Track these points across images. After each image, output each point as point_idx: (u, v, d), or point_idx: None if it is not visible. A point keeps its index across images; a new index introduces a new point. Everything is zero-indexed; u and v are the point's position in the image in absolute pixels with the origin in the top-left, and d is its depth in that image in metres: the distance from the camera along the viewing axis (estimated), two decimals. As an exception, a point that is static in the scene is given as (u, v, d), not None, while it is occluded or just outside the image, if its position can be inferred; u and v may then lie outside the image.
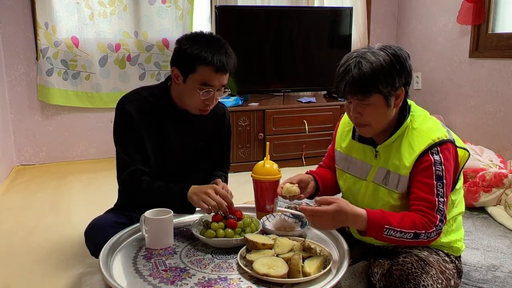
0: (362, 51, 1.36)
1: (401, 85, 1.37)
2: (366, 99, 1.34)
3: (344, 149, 1.57)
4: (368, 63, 1.32)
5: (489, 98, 3.22)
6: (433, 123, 1.43)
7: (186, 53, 1.53)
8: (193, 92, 1.55)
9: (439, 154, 1.35)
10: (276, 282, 1.20)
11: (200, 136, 1.73)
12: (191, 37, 1.58)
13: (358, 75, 1.31)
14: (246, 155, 3.37)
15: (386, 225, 1.31)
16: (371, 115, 1.37)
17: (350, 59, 1.35)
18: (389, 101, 1.36)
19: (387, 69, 1.32)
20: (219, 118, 1.79)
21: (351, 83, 1.33)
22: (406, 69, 1.36)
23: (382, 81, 1.32)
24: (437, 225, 1.32)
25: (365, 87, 1.32)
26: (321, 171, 1.69)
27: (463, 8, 3.29)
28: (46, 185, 3.04)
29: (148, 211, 1.43)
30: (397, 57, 1.35)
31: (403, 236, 1.32)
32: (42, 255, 2.02)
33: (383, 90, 1.33)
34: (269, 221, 1.54)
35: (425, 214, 1.32)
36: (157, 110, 1.63)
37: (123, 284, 1.20)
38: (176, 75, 1.58)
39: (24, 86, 3.41)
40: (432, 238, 1.33)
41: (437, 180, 1.33)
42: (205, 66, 1.52)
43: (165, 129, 1.65)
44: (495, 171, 2.47)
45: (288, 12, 3.65)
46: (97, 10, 3.37)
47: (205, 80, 1.53)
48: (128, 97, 1.65)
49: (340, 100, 3.67)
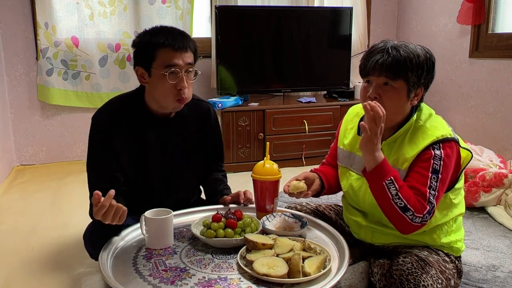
0: (400, 41, 1.41)
1: (423, 84, 1.40)
2: (393, 80, 1.36)
3: (347, 146, 1.57)
4: (407, 49, 1.37)
5: (489, 98, 3.22)
6: (439, 121, 1.44)
7: (141, 45, 1.54)
8: (161, 80, 1.52)
9: (440, 150, 1.36)
10: (276, 282, 1.20)
11: (185, 137, 1.70)
12: (142, 32, 1.59)
13: (395, 55, 1.35)
14: (246, 155, 3.37)
15: (393, 176, 1.32)
16: (390, 99, 1.37)
17: (387, 42, 1.40)
18: (410, 93, 1.39)
19: (420, 62, 1.37)
20: (203, 116, 1.76)
21: (385, 60, 1.36)
22: (432, 73, 1.41)
23: (413, 69, 1.36)
24: (424, 215, 1.31)
25: (397, 68, 1.35)
26: (324, 169, 1.69)
27: (463, 8, 3.29)
28: (46, 185, 3.04)
29: (148, 211, 1.43)
30: (431, 58, 1.40)
31: (395, 198, 1.30)
32: (42, 255, 2.02)
33: (410, 79, 1.36)
34: (269, 221, 1.54)
35: (418, 201, 1.33)
36: (132, 118, 1.61)
37: (123, 284, 1.19)
38: (141, 73, 1.57)
39: (24, 86, 3.41)
40: (415, 223, 1.31)
41: (433, 173, 1.34)
42: (163, 48, 1.51)
43: (145, 136, 1.63)
44: (495, 171, 2.47)
45: (288, 12, 3.65)
46: (97, 10, 3.37)
47: (167, 62, 1.51)
48: (101, 110, 1.63)
49: (340, 100, 3.67)
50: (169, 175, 1.70)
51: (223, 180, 1.83)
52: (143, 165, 1.65)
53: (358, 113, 1.60)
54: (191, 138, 1.72)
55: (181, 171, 1.72)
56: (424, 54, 1.39)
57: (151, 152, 1.65)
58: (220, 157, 1.87)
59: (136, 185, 1.65)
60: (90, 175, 1.61)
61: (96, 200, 1.30)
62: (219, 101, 3.28)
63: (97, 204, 1.30)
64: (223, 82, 3.45)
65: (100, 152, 1.59)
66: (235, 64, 3.51)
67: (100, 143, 1.58)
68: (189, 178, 1.76)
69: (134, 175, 1.64)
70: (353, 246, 1.56)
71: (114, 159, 1.59)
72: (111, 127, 1.58)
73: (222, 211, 1.50)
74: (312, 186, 1.56)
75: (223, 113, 3.27)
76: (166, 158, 1.68)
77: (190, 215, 1.63)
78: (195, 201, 1.84)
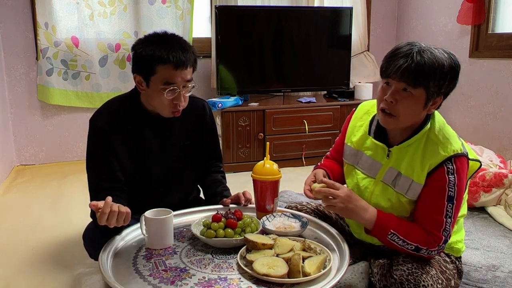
0: (427, 45, 1.33)
1: (443, 93, 1.35)
2: (412, 88, 1.30)
3: (354, 144, 1.55)
4: (432, 56, 1.29)
5: (489, 98, 3.22)
6: (450, 134, 1.40)
7: (142, 56, 1.52)
8: (158, 94, 1.53)
9: (453, 174, 1.33)
10: (276, 282, 1.20)
11: (182, 135, 1.71)
12: (144, 40, 1.56)
13: (418, 62, 1.28)
14: (246, 155, 3.37)
15: (392, 229, 1.33)
16: (406, 106, 1.33)
17: (413, 46, 1.31)
18: (428, 102, 1.34)
19: (444, 71, 1.30)
20: (199, 114, 1.76)
21: (407, 66, 1.28)
22: (454, 81, 1.34)
23: (435, 79, 1.29)
24: (440, 246, 1.34)
25: (419, 76, 1.28)
26: (330, 164, 1.68)
27: (463, 8, 3.29)
28: (46, 185, 3.04)
29: (148, 211, 1.43)
30: (456, 67, 1.33)
31: (405, 245, 1.34)
32: (42, 255, 2.02)
33: (431, 88, 1.31)
34: (269, 221, 1.54)
35: (430, 233, 1.33)
36: (130, 119, 1.62)
37: (123, 284, 1.19)
38: (139, 81, 1.56)
39: (24, 86, 3.41)
40: (433, 255, 1.36)
41: (448, 201, 1.33)
42: (163, 65, 1.49)
43: (143, 135, 1.63)
44: (495, 171, 2.47)
45: (288, 12, 3.65)
46: (97, 10, 3.37)
47: (166, 79, 1.51)
48: (99, 112, 1.63)
49: (340, 100, 3.67)
50: (168, 174, 1.70)
51: (222, 181, 1.83)
52: (141, 165, 1.65)
53: (368, 110, 1.56)
54: (188, 135, 1.73)
55: (180, 169, 1.73)
56: (449, 63, 1.30)
57: (149, 151, 1.65)
58: (217, 155, 1.87)
59: (135, 184, 1.66)
60: (90, 175, 1.62)
61: (95, 208, 1.31)
62: (219, 101, 3.28)
63: (97, 211, 1.31)
64: (223, 82, 3.45)
65: (100, 152, 1.59)
66: (235, 64, 3.51)
67: (99, 144, 1.59)
68: (187, 176, 1.77)
69: (133, 174, 1.65)
70: (353, 246, 1.56)
71: (114, 159, 1.59)
72: (109, 128, 1.58)
73: (222, 211, 1.50)
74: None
75: (223, 113, 3.27)
76: (165, 156, 1.68)
77: (190, 215, 1.63)
78: (194, 198, 1.84)
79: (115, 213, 1.32)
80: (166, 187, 1.71)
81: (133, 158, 1.63)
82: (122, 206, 1.35)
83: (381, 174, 1.46)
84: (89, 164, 1.62)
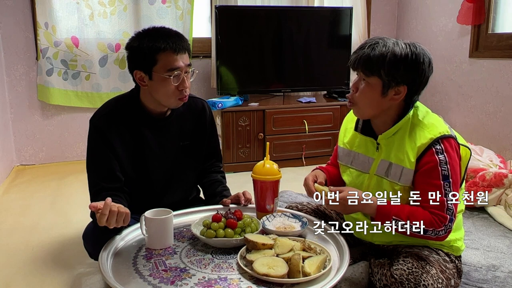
0: (386, 39, 1.41)
1: (404, 83, 1.38)
2: (367, 77, 1.40)
3: (346, 144, 1.60)
4: (383, 48, 1.37)
5: (489, 98, 3.22)
6: (435, 119, 1.44)
7: (141, 49, 1.53)
8: (163, 83, 1.55)
9: (443, 153, 1.36)
10: (276, 282, 1.20)
11: (182, 135, 1.72)
12: (138, 35, 1.58)
13: (368, 54, 1.38)
14: (246, 155, 3.37)
15: (394, 216, 1.34)
16: (363, 93, 1.42)
17: (372, 40, 1.42)
18: (386, 90, 1.39)
19: (396, 61, 1.36)
20: (198, 113, 1.77)
21: (359, 58, 1.40)
22: (417, 71, 1.38)
23: (385, 68, 1.36)
24: (447, 225, 1.34)
25: (367, 65, 1.38)
26: (329, 168, 1.71)
27: (463, 8, 3.29)
28: (46, 185, 3.04)
29: (148, 211, 1.43)
30: (415, 56, 1.37)
31: (411, 229, 1.34)
32: (42, 255, 2.02)
33: (384, 77, 1.37)
34: (269, 221, 1.54)
35: (436, 215, 1.34)
36: (130, 119, 1.62)
37: (123, 284, 1.19)
38: (140, 77, 1.57)
39: (24, 86, 3.41)
40: (441, 236, 1.35)
41: (444, 180, 1.35)
42: (163, 52, 1.52)
43: (143, 135, 1.64)
44: (495, 171, 2.47)
45: (288, 12, 3.65)
46: (97, 10, 3.37)
47: (169, 65, 1.53)
48: (99, 112, 1.64)
49: (340, 100, 3.67)
50: (168, 174, 1.70)
51: (222, 181, 1.83)
52: (141, 165, 1.65)
53: None
54: (188, 135, 1.73)
55: (179, 169, 1.73)
56: (406, 53, 1.36)
57: (149, 151, 1.65)
58: (217, 155, 1.87)
59: (135, 185, 1.66)
60: (90, 175, 1.62)
61: (94, 209, 1.31)
62: (219, 101, 3.28)
63: (97, 212, 1.31)
64: (223, 82, 3.45)
65: (100, 153, 1.59)
66: (235, 64, 3.51)
67: (99, 144, 1.59)
68: (187, 176, 1.77)
69: (133, 175, 1.65)
70: (353, 246, 1.56)
71: (114, 159, 1.60)
72: (109, 128, 1.59)
73: (222, 211, 1.50)
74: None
75: (223, 113, 3.27)
76: (164, 156, 1.68)
77: (190, 215, 1.63)
78: (194, 198, 1.84)
79: (114, 214, 1.32)
80: (166, 187, 1.72)
81: (133, 158, 1.63)
82: (122, 207, 1.35)
83: (374, 168, 1.49)
84: (89, 164, 1.62)
